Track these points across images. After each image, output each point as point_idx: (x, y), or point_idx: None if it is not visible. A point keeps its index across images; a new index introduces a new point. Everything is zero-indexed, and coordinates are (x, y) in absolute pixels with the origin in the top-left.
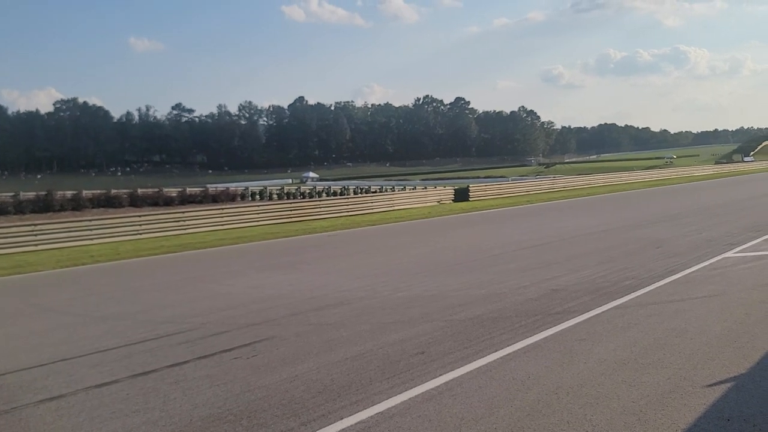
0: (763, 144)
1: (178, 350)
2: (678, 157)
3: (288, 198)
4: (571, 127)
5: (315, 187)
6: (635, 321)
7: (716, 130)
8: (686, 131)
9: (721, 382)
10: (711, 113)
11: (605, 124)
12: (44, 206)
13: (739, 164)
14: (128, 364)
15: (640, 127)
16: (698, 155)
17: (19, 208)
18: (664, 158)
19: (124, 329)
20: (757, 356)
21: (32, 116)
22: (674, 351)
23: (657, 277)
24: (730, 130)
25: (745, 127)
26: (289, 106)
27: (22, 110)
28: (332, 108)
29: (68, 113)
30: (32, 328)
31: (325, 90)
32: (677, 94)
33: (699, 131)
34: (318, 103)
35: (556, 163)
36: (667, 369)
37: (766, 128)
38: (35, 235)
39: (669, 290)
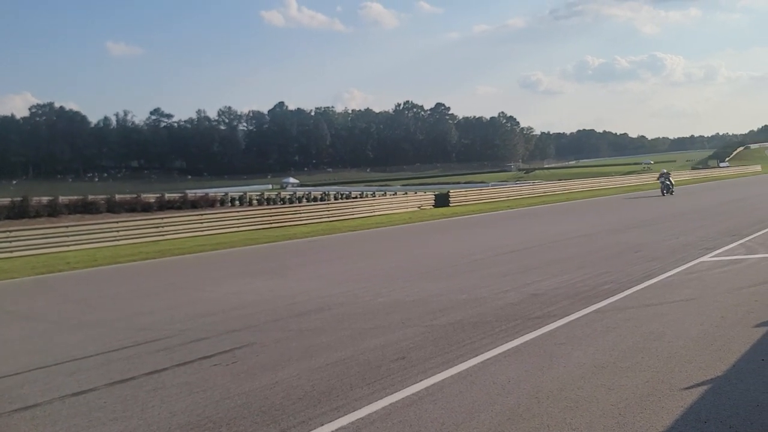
0: (738, 150)
1: (157, 357)
2: (655, 162)
3: (268, 204)
4: (550, 132)
5: (295, 193)
6: (614, 325)
7: (692, 136)
8: (663, 137)
9: (698, 385)
10: (687, 119)
11: (584, 130)
12: (19, 212)
13: (715, 170)
14: (106, 372)
15: (618, 133)
16: (675, 161)
17: None
18: (641, 164)
19: (102, 336)
20: (733, 359)
21: (7, 121)
22: (652, 354)
23: (635, 281)
24: (706, 136)
25: (721, 134)
26: (269, 111)
27: None
28: (312, 113)
29: (44, 118)
30: (7, 335)
31: (305, 95)
32: (654, 101)
33: (676, 137)
34: (298, 108)
35: (536, 169)
36: (646, 372)
37: (741, 134)
38: (10, 241)
39: (647, 294)
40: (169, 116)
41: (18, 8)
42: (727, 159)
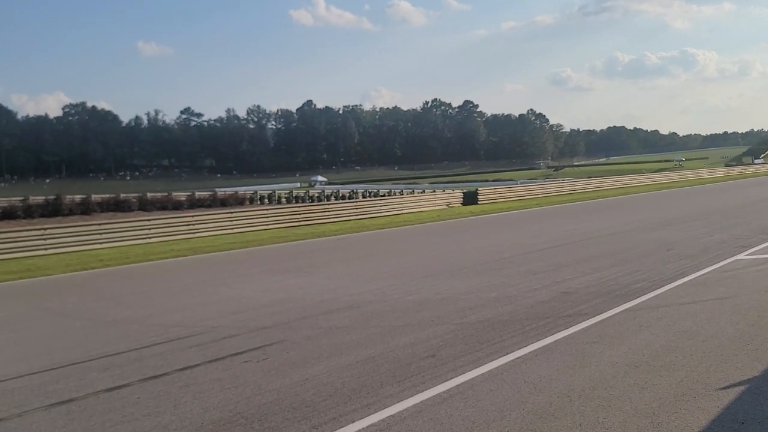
0: None
1: (189, 354)
2: (687, 159)
3: (297, 202)
4: (580, 130)
5: (324, 191)
6: (647, 323)
7: (726, 132)
8: (695, 134)
9: (735, 385)
10: (720, 116)
11: (614, 126)
12: (53, 210)
13: (750, 166)
14: (139, 368)
15: (648, 130)
16: (707, 158)
17: (28, 213)
18: (673, 161)
19: (135, 333)
20: None
21: (41, 120)
22: (686, 353)
23: (668, 280)
24: (739, 132)
25: (755, 130)
26: (297, 109)
27: (31, 114)
28: (340, 112)
29: (77, 117)
30: (42, 332)
31: (333, 94)
32: (686, 97)
33: (708, 134)
34: (326, 106)
35: (565, 166)
36: (680, 371)
37: None
38: (44, 239)
39: (680, 292)
40: (199, 115)
41: (50, 9)
42: (762, 155)
